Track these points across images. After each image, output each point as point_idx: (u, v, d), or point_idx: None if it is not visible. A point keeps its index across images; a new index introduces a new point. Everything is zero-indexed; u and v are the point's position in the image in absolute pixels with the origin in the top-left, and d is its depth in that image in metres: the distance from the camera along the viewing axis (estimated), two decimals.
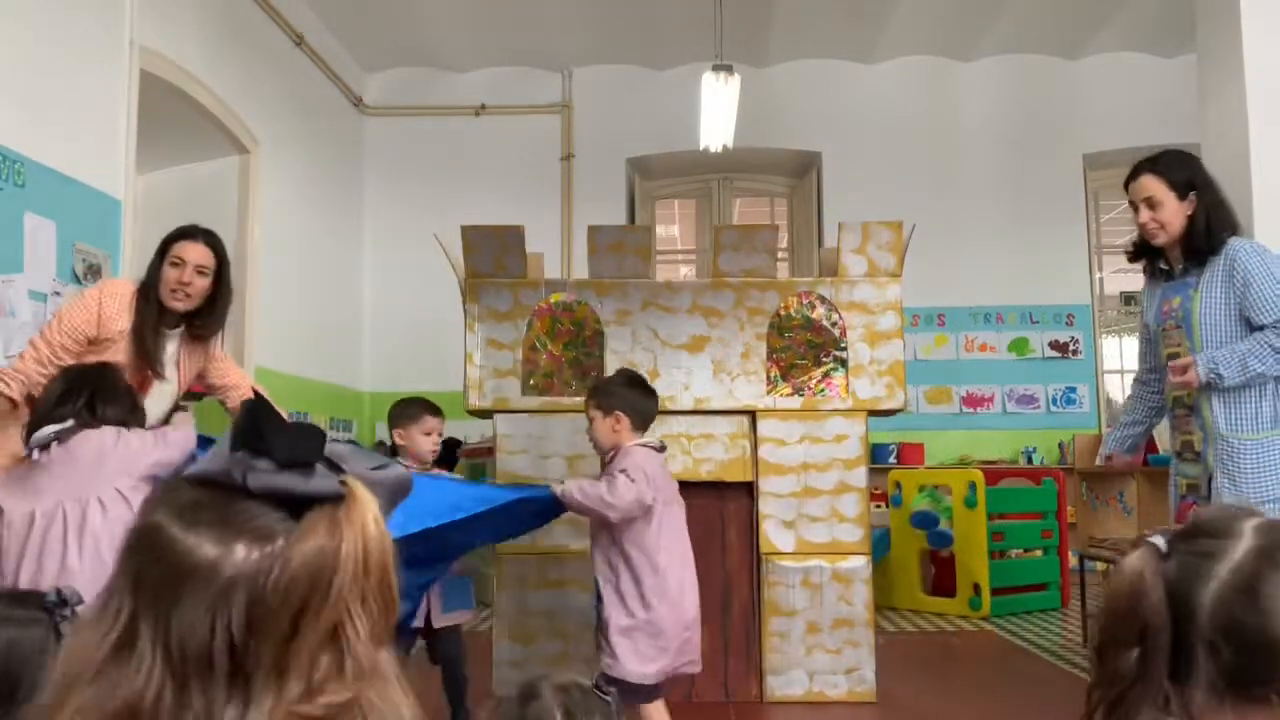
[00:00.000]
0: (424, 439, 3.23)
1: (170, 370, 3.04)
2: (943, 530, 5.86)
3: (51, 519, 2.28)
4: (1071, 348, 7.75)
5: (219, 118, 5.84)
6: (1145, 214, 2.92)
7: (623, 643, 2.70)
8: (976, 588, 5.67)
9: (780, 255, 8.18)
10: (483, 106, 8.06)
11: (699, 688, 3.59)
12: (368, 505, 0.74)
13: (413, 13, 7.17)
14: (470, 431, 7.46)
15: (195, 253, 2.97)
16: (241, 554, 0.71)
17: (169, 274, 2.93)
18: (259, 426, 0.73)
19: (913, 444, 7.44)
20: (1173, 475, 3.12)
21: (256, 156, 6.27)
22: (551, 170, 8.02)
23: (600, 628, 2.77)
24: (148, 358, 2.92)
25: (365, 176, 8.07)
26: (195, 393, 5.38)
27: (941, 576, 5.97)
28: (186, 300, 2.97)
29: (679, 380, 3.74)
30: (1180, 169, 2.89)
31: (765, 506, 3.68)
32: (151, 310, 2.94)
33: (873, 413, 3.77)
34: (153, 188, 6.07)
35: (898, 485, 6.25)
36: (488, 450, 5.38)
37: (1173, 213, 2.85)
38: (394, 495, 0.79)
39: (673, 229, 10.49)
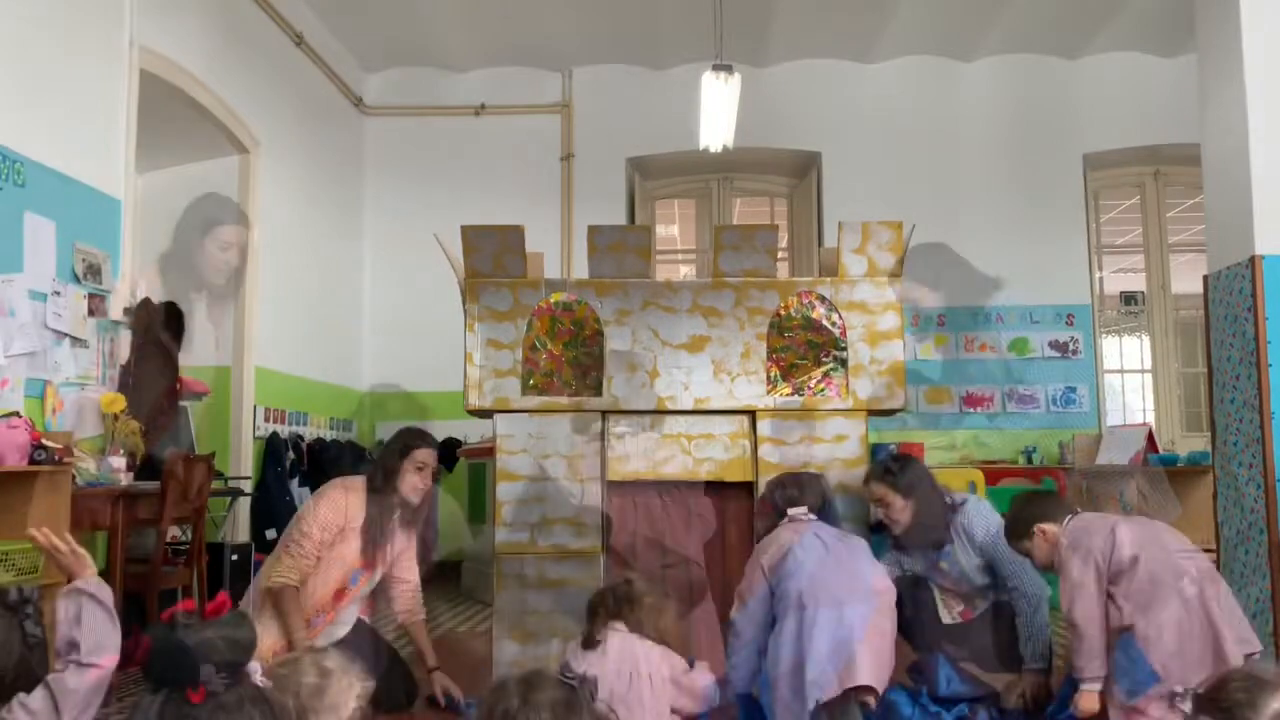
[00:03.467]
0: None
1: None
2: None
3: None
4: (1071, 347, 7.75)
5: (219, 118, 5.84)
6: (881, 511, 3.47)
7: None
8: None
9: (780, 255, 8.18)
10: (483, 106, 8.06)
11: None
12: None
13: (413, 13, 7.17)
14: (470, 431, 7.47)
15: (432, 458, 3.44)
16: None
17: (414, 479, 3.40)
18: None
19: (913, 444, 7.43)
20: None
21: (256, 156, 6.27)
22: (551, 170, 8.02)
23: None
24: (380, 551, 3.35)
25: (365, 176, 8.07)
26: (198, 392, 5.40)
27: None
28: (419, 495, 3.44)
29: (679, 380, 3.74)
30: (902, 476, 3.41)
31: None
32: (389, 506, 3.36)
33: (873, 413, 3.77)
34: (153, 188, 6.07)
35: None
36: (488, 450, 5.38)
37: (899, 510, 3.40)
38: None
39: (673, 229, 10.49)
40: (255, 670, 1.29)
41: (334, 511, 3.31)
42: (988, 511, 3.43)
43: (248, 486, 5.98)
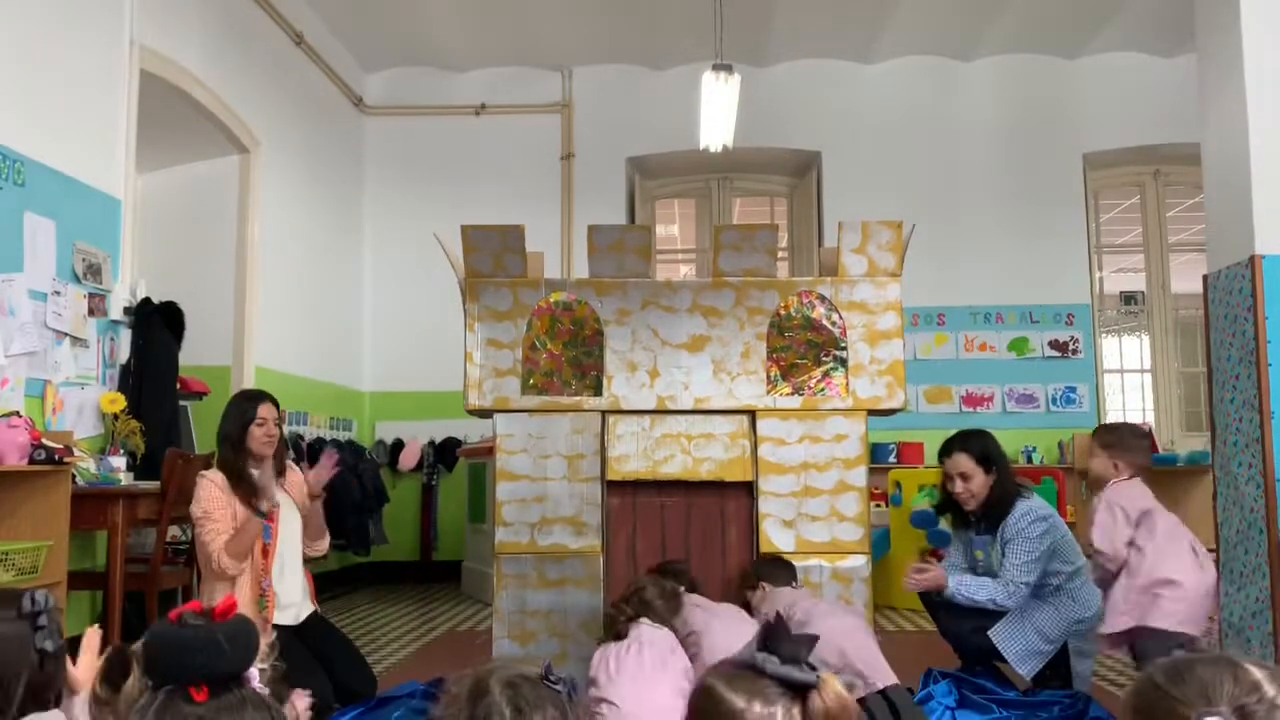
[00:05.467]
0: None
1: (281, 496, 3.58)
2: (942, 530, 5.85)
3: None
4: (1071, 347, 7.75)
5: (219, 118, 5.84)
6: (960, 485, 3.54)
7: None
8: None
9: (780, 255, 8.18)
10: (483, 106, 8.06)
11: None
12: (835, 686, 1.18)
13: (413, 13, 7.17)
14: (470, 431, 7.47)
15: (271, 411, 3.61)
16: (758, 709, 1.15)
17: (259, 434, 3.55)
18: (772, 638, 1.20)
19: (913, 444, 7.44)
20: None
21: (256, 156, 6.27)
22: (551, 170, 8.02)
23: None
24: (259, 492, 3.45)
25: (365, 176, 8.07)
26: (198, 392, 5.40)
27: None
28: (272, 446, 3.59)
29: (679, 380, 3.74)
30: (982, 447, 3.54)
31: (765, 506, 3.68)
32: (240, 461, 3.51)
33: (873, 412, 3.77)
34: (153, 188, 6.07)
35: (898, 485, 6.25)
36: (488, 450, 5.38)
37: (980, 484, 3.50)
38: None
39: (673, 229, 10.50)
40: (255, 676, 1.29)
41: (214, 490, 3.39)
42: (1028, 523, 3.48)
43: None
